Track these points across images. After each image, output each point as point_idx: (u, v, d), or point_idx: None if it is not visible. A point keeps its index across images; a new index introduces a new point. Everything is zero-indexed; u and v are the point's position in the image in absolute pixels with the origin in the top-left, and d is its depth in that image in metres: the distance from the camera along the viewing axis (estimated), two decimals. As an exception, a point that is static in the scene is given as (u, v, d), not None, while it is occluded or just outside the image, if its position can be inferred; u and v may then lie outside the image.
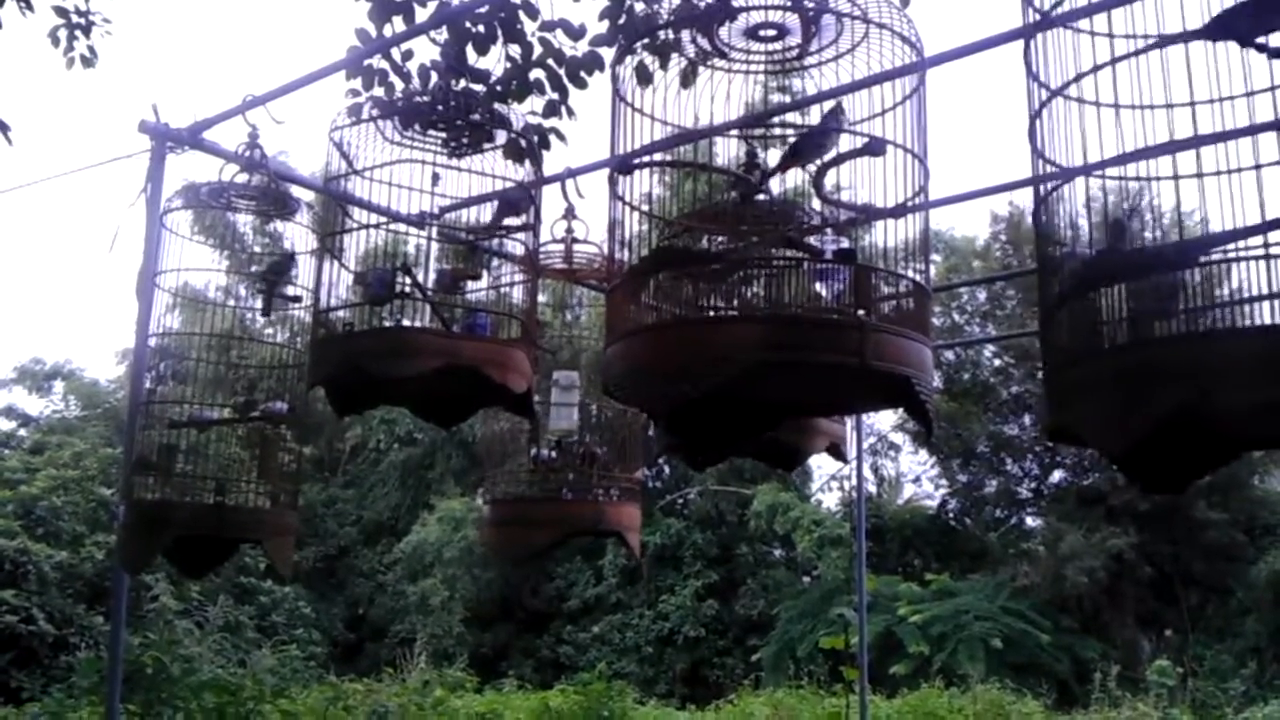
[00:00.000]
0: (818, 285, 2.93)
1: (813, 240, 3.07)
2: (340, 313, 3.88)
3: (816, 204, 3.26)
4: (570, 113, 4.27)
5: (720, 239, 3.23)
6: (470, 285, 4.20)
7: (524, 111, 4.20)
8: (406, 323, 3.84)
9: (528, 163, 4.17)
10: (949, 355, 22.23)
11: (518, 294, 4.30)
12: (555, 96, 4.21)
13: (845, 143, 2.87)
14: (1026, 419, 22.50)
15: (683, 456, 4.91)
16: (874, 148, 2.75)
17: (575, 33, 4.04)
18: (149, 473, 4.52)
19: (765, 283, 3.09)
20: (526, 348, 3.87)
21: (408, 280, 3.77)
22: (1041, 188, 2.18)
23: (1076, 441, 2.05)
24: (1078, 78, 2.20)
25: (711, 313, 3.14)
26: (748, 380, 2.54)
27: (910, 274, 2.85)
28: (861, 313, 2.68)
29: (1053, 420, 2.03)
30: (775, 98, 3.96)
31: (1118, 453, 1.88)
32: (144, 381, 4.68)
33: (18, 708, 11.73)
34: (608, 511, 4.90)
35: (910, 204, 2.88)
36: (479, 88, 4.10)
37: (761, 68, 3.26)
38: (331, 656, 18.95)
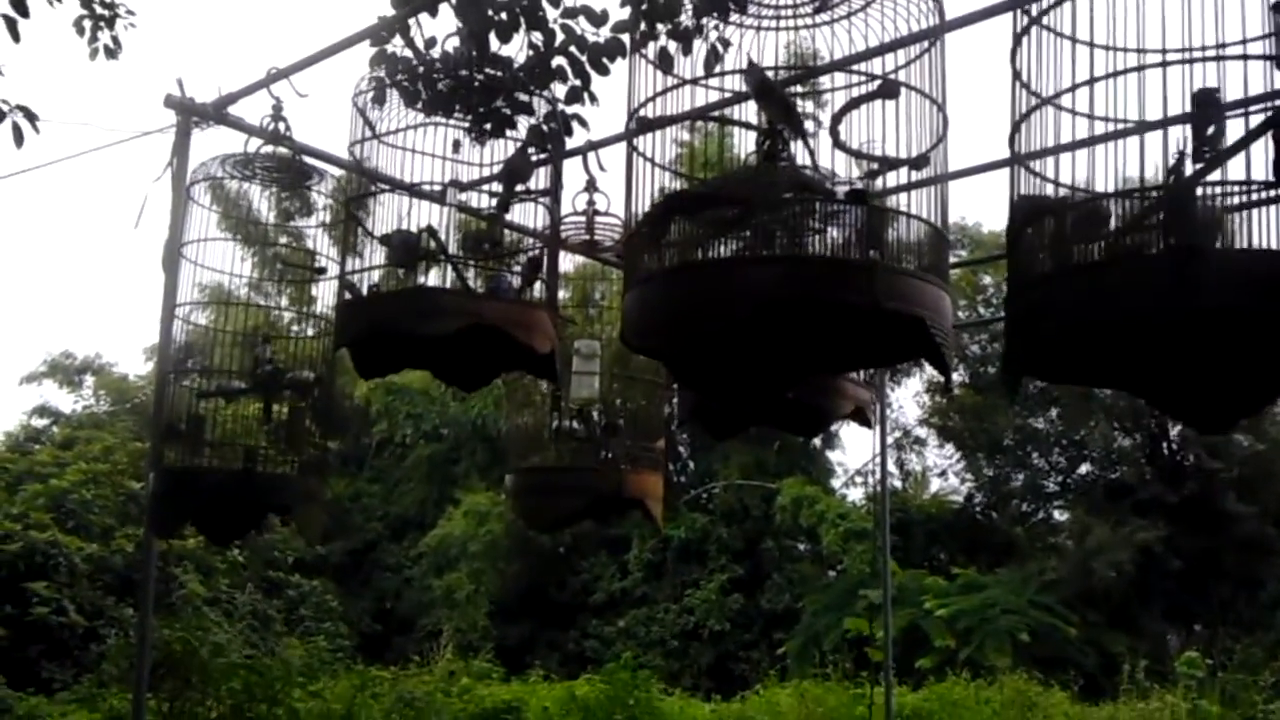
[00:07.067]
0: (830, 228, 2.93)
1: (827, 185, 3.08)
2: (366, 276, 3.93)
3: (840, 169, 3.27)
4: (593, 99, 4.30)
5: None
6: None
7: (546, 98, 4.24)
8: (432, 283, 3.88)
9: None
10: (974, 349, 22.17)
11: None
12: (578, 83, 4.23)
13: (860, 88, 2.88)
14: (1054, 412, 22.38)
15: (704, 425, 4.92)
16: (888, 89, 2.76)
17: (597, 19, 4.06)
18: (178, 442, 4.58)
19: (778, 225, 3.09)
20: (550, 310, 3.91)
21: (432, 242, 3.81)
22: (1017, 113, 2.25)
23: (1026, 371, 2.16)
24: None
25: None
26: (760, 321, 2.54)
27: (927, 218, 2.84)
28: (873, 253, 2.68)
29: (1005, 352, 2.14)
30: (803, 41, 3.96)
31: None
32: (170, 352, 4.74)
33: (49, 698, 11.83)
34: (629, 479, 4.92)
35: (928, 154, 2.89)
36: (501, 74, 4.14)
37: (780, 23, 3.28)
38: (358, 649, 19.02)
